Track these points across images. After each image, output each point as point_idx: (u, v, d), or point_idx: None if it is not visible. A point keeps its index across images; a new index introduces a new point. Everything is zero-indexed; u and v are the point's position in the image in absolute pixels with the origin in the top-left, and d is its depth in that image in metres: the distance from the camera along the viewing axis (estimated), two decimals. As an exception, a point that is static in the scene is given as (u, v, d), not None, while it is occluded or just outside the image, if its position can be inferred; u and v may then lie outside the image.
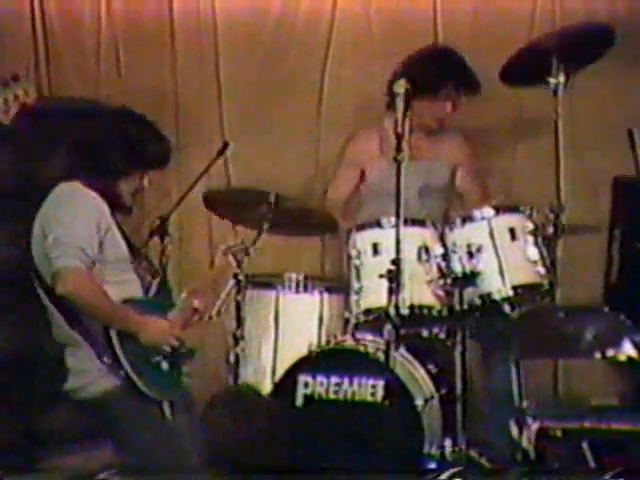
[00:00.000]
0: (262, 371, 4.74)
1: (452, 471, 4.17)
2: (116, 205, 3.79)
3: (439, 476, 4.17)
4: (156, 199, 5.15)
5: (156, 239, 4.69)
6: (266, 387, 4.69)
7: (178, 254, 5.03)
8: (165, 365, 3.76)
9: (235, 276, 4.76)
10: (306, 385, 4.47)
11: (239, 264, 4.29)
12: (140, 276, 3.83)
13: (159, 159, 3.84)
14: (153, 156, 3.81)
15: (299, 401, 4.47)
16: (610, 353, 4.53)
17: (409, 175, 4.16)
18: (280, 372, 4.59)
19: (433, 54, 4.72)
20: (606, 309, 4.62)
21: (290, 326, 4.72)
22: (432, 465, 4.31)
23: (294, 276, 4.74)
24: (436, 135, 4.84)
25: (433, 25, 5.10)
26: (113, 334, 3.68)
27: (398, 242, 3.70)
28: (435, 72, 4.63)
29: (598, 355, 4.55)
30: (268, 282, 4.79)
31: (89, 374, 3.71)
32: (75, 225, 3.67)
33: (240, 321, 4.74)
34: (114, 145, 3.76)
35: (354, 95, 5.18)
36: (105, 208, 3.74)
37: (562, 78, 4.63)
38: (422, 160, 4.75)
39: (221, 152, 4.79)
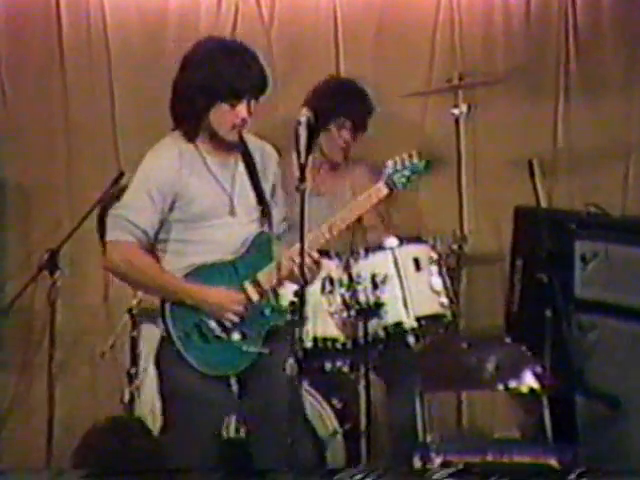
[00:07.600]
0: (159, 410, 4.56)
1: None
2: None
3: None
4: (46, 230, 4.95)
5: (45, 273, 4.52)
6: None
7: (70, 289, 4.81)
8: (237, 336, 3.60)
9: (130, 311, 4.60)
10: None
11: None
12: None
13: None
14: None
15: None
16: (512, 384, 4.52)
17: (312, 209, 4.08)
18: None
19: (329, 86, 4.68)
20: (508, 340, 4.62)
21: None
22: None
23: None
24: (342, 169, 4.78)
25: (335, 50, 5.05)
26: (167, 306, 3.58)
27: (302, 273, 3.62)
28: (330, 105, 4.58)
29: (501, 387, 4.54)
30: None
31: None
32: (134, 194, 3.58)
33: (135, 358, 4.59)
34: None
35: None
36: (181, 164, 3.60)
37: (464, 108, 4.72)
38: (325, 195, 4.67)
39: (115, 181, 4.60)
